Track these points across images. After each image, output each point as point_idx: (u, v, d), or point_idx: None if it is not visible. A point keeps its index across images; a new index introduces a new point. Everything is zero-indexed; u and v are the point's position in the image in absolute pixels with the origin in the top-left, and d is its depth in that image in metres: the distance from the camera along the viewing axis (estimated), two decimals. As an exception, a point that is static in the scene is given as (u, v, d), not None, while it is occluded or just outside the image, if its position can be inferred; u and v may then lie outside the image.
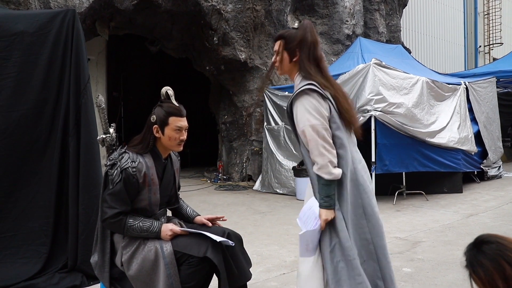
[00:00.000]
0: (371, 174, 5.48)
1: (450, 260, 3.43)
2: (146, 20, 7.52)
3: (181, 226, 2.17)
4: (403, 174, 6.13)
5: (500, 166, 8.13)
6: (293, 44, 2.00)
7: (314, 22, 8.80)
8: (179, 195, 2.39)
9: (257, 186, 7.63)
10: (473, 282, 1.21)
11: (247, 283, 2.14)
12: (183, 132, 2.12)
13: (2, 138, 2.97)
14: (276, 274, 3.22)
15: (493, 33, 18.02)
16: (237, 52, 7.81)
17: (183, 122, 2.12)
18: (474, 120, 7.32)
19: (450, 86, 6.83)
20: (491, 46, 18.10)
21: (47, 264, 2.97)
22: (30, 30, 3.05)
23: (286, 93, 7.35)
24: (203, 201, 6.51)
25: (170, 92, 2.13)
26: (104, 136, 2.54)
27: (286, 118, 2.07)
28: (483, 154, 7.53)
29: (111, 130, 2.56)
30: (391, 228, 4.55)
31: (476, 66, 16.39)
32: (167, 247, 1.99)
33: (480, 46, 17.95)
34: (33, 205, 3.04)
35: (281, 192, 7.08)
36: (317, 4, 8.69)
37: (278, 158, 7.29)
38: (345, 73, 5.95)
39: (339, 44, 8.86)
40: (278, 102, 7.43)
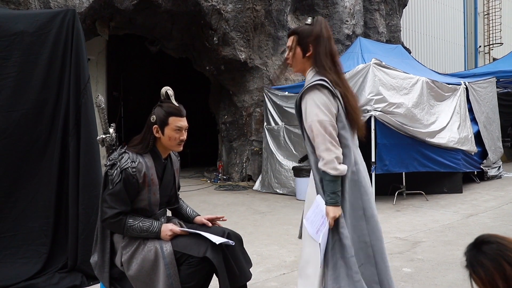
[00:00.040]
0: (371, 174, 5.49)
1: (450, 260, 3.43)
2: (146, 20, 7.52)
3: (181, 226, 2.17)
4: (403, 174, 6.13)
5: (500, 166, 8.14)
6: (306, 39, 2.00)
7: (314, 22, 8.80)
8: (179, 195, 2.39)
9: (257, 186, 7.63)
10: (473, 282, 1.21)
11: (247, 283, 2.14)
12: (183, 132, 2.12)
13: (2, 138, 2.97)
14: (276, 274, 3.21)
15: (493, 33, 18.02)
16: (237, 52, 7.81)
17: (183, 122, 2.12)
18: (474, 120, 7.32)
19: (450, 86, 6.83)
20: (491, 46, 18.11)
21: (47, 264, 2.97)
22: (30, 30, 3.05)
23: (286, 93, 7.35)
24: (203, 201, 6.51)
25: (170, 92, 2.13)
26: (104, 136, 2.54)
27: (296, 112, 2.05)
28: (483, 154, 7.53)
29: (111, 130, 2.56)
30: (391, 228, 4.55)
31: (476, 66, 16.39)
32: (167, 247, 1.99)
33: (480, 46, 17.95)
34: (33, 205, 3.04)
35: (281, 192, 7.08)
36: (317, 4, 8.69)
37: (278, 158, 7.29)
38: (345, 73, 5.92)
39: (339, 44, 8.86)
40: (278, 102, 7.43)
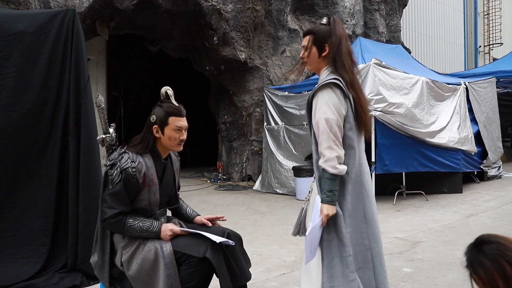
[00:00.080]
0: (371, 174, 5.48)
1: (450, 260, 3.43)
2: (146, 20, 7.52)
3: (181, 226, 2.17)
4: (403, 174, 6.13)
5: (500, 166, 8.13)
6: (323, 39, 1.99)
7: (314, 22, 8.79)
8: (179, 195, 2.39)
9: (257, 186, 7.63)
10: (473, 282, 1.21)
11: (247, 283, 2.14)
12: (183, 132, 2.12)
13: (2, 138, 2.97)
14: (276, 274, 3.21)
15: (493, 33, 18.03)
16: (237, 52, 7.81)
17: (183, 122, 2.11)
18: (474, 120, 7.32)
19: (450, 86, 6.83)
20: (491, 46, 18.11)
21: (47, 264, 2.97)
22: (30, 30, 3.05)
23: (286, 93, 7.35)
24: (203, 201, 6.51)
25: (170, 92, 2.12)
26: (104, 136, 2.53)
27: (306, 109, 2.05)
28: (483, 154, 7.53)
29: (111, 130, 2.56)
30: (391, 228, 4.55)
31: (476, 66, 16.39)
32: (167, 247, 1.99)
33: (480, 46, 17.95)
34: (33, 205, 3.04)
35: (281, 192, 7.08)
36: (317, 4, 8.69)
37: (278, 158, 7.29)
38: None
39: (339, 44, 8.85)
40: (278, 102, 7.43)
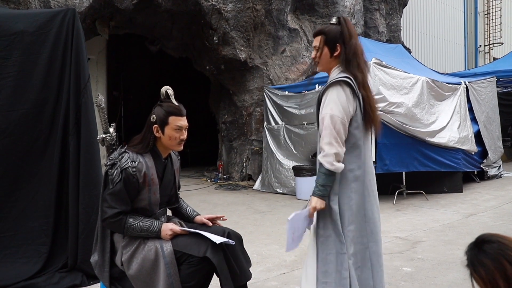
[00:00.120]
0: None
1: (450, 259, 3.43)
2: (146, 19, 7.52)
3: (181, 226, 2.17)
4: (403, 173, 6.13)
5: (500, 166, 8.13)
6: (334, 39, 1.99)
7: (314, 21, 8.79)
8: (179, 195, 2.39)
9: (257, 185, 7.63)
10: (474, 281, 1.21)
11: (247, 283, 2.14)
12: (183, 131, 2.12)
13: (2, 138, 2.97)
14: (276, 274, 3.21)
15: (493, 32, 18.02)
16: (237, 51, 7.80)
17: (183, 122, 2.11)
18: (474, 119, 7.31)
19: (450, 85, 6.82)
20: (491, 45, 18.10)
21: (47, 263, 2.97)
22: (30, 30, 3.05)
23: (286, 92, 7.35)
24: (203, 200, 6.51)
25: (170, 91, 2.12)
26: (104, 135, 2.54)
27: (316, 106, 2.05)
28: (483, 153, 7.53)
29: (111, 129, 2.56)
30: (391, 227, 4.55)
31: (476, 66, 16.39)
32: (167, 247, 1.99)
33: (480, 46, 17.94)
34: (33, 204, 3.04)
35: (281, 191, 7.08)
36: (317, 3, 8.68)
37: (278, 157, 7.29)
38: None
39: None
40: (278, 102, 7.43)
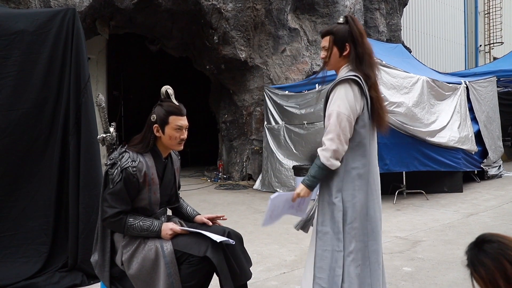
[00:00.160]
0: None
1: (451, 259, 3.43)
2: (146, 19, 7.51)
3: (181, 225, 2.17)
4: (403, 173, 6.13)
5: (500, 166, 8.12)
6: (343, 39, 1.99)
7: (314, 21, 8.79)
8: (179, 194, 2.39)
9: (257, 185, 7.63)
10: (474, 281, 1.21)
11: (247, 282, 2.14)
12: (184, 131, 2.12)
13: (2, 137, 2.97)
14: (276, 273, 3.22)
15: (493, 32, 18.01)
16: (237, 51, 7.80)
17: (184, 121, 2.11)
18: (474, 119, 7.31)
19: (450, 85, 6.82)
20: (492, 45, 18.09)
21: (47, 263, 2.97)
22: (30, 29, 3.05)
23: (286, 92, 7.35)
24: (203, 200, 6.51)
25: (170, 91, 2.12)
26: (104, 135, 2.53)
27: (324, 103, 2.05)
28: (484, 153, 7.53)
29: (111, 129, 2.56)
30: (391, 227, 4.55)
31: (476, 65, 16.39)
32: (168, 246, 1.99)
33: (480, 45, 17.93)
34: (33, 204, 3.04)
35: (281, 191, 7.07)
36: (317, 3, 8.68)
37: (278, 157, 7.29)
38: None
39: (340, 43, 8.84)
40: (279, 101, 7.42)
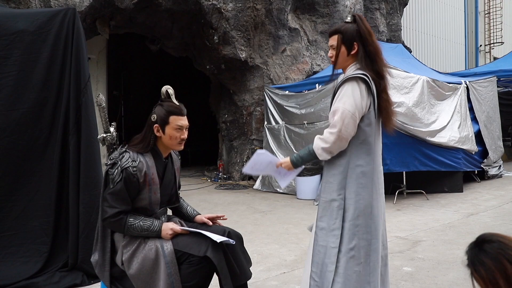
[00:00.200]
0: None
1: (451, 259, 3.43)
2: (146, 19, 7.51)
3: (181, 225, 2.17)
4: (404, 173, 6.13)
5: (500, 166, 8.12)
6: (351, 38, 1.99)
7: (315, 21, 8.79)
8: (180, 194, 2.39)
9: (257, 185, 7.63)
10: (474, 281, 1.20)
11: (247, 282, 2.14)
12: (184, 131, 2.12)
13: (3, 137, 2.97)
14: (276, 273, 3.22)
15: (493, 32, 18.01)
16: (237, 51, 7.80)
17: (184, 121, 2.11)
18: (474, 119, 7.30)
19: (450, 85, 6.82)
20: (492, 45, 18.09)
21: (48, 263, 2.97)
22: (30, 29, 3.05)
23: (287, 92, 7.35)
24: (204, 200, 6.51)
25: (171, 91, 2.12)
26: (104, 135, 2.54)
27: (331, 100, 2.07)
28: (484, 153, 7.52)
29: (112, 129, 2.57)
30: (392, 227, 4.54)
31: (476, 65, 16.38)
32: (168, 246, 1.99)
33: (480, 45, 17.93)
34: (33, 204, 3.04)
35: (281, 191, 7.07)
36: (317, 3, 8.67)
37: (278, 157, 7.25)
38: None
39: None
40: (279, 101, 7.42)
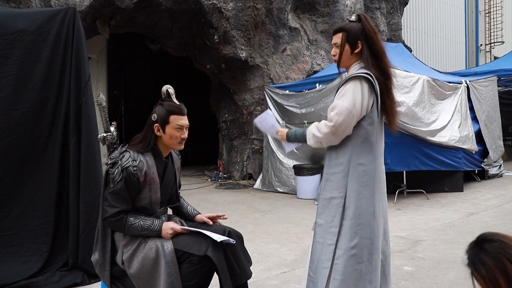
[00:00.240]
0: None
1: (451, 258, 3.43)
2: (146, 18, 7.51)
3: (181, 225, 2.18)
4: (404, 172, 6.13)
5: (501, 165, 8.12)
6: (355, 36, 2.00)
7: (315, 20, 8.79)
8: (180, 194, 2.39)
9: (257, 184, 7.63)
10: (475, 280, 1.20)
11: (248, 281, 2.14)
12: (184, 130, 2.12)
13: (3, 137, 2.97)
14: (276, 273, 3.22)
15: (494, 31, 18.00)
16: (237, 50, 7.80)
17: (184, 121, 2.11)
18: (475, 118, 7.30)
19: (451, 84, 6.82)
20: (492, 44, 18.08)
21: (48, 262, 2.98)
22: (30, 29, 3.05)
23: (287, 91, 7.34)
24: (204, 199, 6.52)
25: (171, 90, 2.13)
26: (105, 134, 2.54)
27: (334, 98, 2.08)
28: (484, 153, 7.52)
29: (112, 128, 2.57)
30: (392, 226, 4.52)
31: (477, 65, 16.38)
32: (168, 246, 1.99)
33: (481, 45, 17.93)
34: (34, 203, 3.04)
35: (281, 190, 7.08)
36: (318, 2, 8.67)
37: (278, 156, 7.29)
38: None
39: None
40: (279, 101, 7.42)
